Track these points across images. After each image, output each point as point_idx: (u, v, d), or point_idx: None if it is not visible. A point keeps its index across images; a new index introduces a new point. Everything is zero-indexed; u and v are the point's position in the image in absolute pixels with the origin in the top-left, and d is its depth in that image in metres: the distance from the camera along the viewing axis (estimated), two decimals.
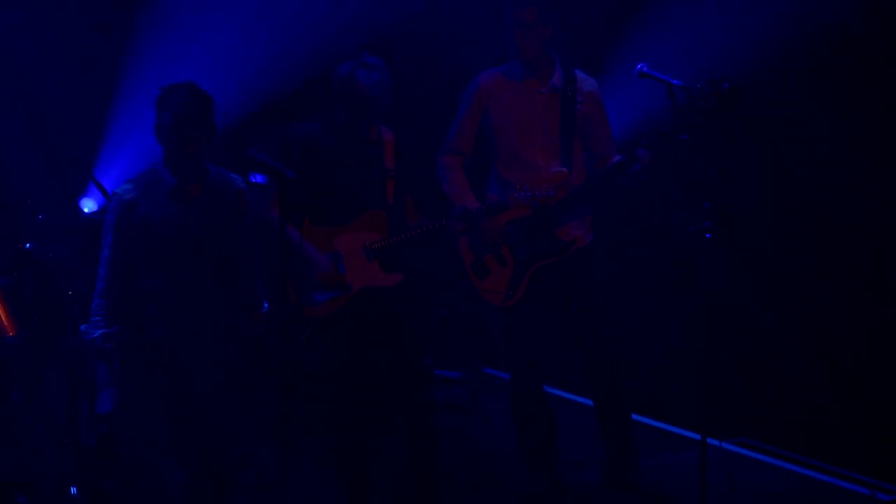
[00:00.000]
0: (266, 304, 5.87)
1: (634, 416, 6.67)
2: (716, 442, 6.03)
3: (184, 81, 5.57)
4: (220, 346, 5.68)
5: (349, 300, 6.09)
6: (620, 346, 6.44)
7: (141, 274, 5.58)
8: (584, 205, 6.36)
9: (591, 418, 6.51)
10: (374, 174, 6.14)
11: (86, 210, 7.71)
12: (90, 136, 7.87)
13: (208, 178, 5.66)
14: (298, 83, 8.07)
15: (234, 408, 5.73)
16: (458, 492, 6.66)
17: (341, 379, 6.11)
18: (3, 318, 6.69)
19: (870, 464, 6.72)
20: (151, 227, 5.55)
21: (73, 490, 6.14)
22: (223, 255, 5.69)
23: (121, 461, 6.00)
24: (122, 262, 5.57)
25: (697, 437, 5.95)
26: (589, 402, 6.71)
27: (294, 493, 5.53)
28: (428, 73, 8.44)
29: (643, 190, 6.49)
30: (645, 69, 5.91)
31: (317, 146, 6.08)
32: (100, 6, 8.00)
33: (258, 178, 7.67)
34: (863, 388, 7.01)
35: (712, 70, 5.80)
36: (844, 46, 6.89)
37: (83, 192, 7.75)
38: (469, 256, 6.46)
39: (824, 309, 7.19)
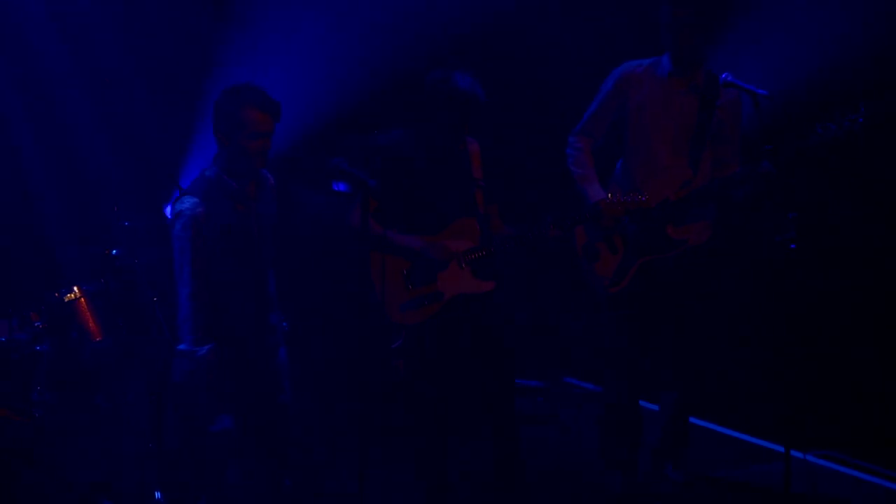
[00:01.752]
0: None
1: (719, 428, 6.63)
2: (800, 454, 5.96)
3: (250, 84, 5.60)
4: (277, 345, 5.80)
5: (441, 308, 6.12)
6: (705, 352, 6.44)
7: (219, 284, 5.62)
8: (702, 208, 6.34)
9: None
10: (464, 183, 6.17)
11: (171, 217, 7.78)
12: (176, 142, 7.95)
13: (258, 177, 5.72)
14: (378, 93, 8.10)
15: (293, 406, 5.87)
16: (537, 501, 6.64)
17: (428, 385, 6.13)
18: (91, 324, 6.78)
19: None
20: (226, 236, 5.59)
21: (158, 494, 6.19)
22: (271, 253, 5.78)
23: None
24: (204, 276, 5.57)
25: (781, 449, 5.89)
26: None
27: (373, 498, 5.54)
28: (506, 84, 8.43)
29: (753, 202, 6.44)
30: (730, 79, 5.89)
31: (405, 156, 6.11)
32: (185, 15, 8.08)
33: (341, 187, 7.71)
34: None
35: (801, 81, 5.75)
36: None
37: (168, 199, 7.82)
38: (582, 238, 6.50)
39: None
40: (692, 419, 7.00)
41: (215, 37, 8.03)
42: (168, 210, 7.75)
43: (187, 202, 5.57)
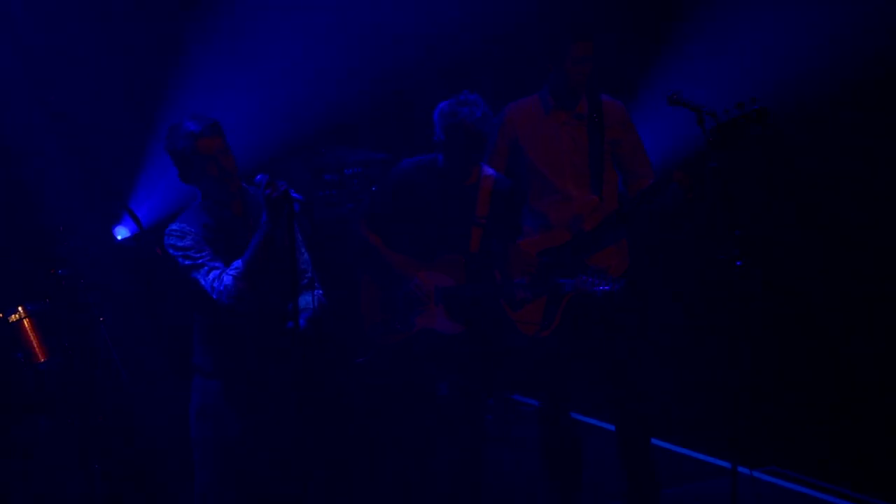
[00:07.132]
0: None
1: (665, 444, 6.63)
2: (746, 470, 5.98)
3: (197, 116, 5.36)
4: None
5: (407, 338, 6.08)
6: (648, 374, 6.38)
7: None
8: (618, 231, 6.25)
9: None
10: (460, 220, 6.05)
11: (119, 238, 7.75)
12: (126, 164, 7.92)
13: (246, 196, 5.56)
14: (330, 119, 8.10)
15: None
16: None
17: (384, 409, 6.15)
18: (35, 345, 6.72)
19: None
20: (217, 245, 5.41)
21: None
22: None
23: None
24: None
25: (727, 465, 5.92)
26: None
27: None
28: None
29: (675, 215, 6.42)
30: (676, 96, 5.90)
31: (414, 185, 6.03)
32: (141, 38, 8.05)
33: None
34: None
35: (745, 96, 5.75)
36: (879, 73, 6.88)
37: (117, 220, 7.79)
38: None
39: (859, 337, 7.15)
40: None
41: (171, 60, 8.00)
42: (116, 231, 7.74)
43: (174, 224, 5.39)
